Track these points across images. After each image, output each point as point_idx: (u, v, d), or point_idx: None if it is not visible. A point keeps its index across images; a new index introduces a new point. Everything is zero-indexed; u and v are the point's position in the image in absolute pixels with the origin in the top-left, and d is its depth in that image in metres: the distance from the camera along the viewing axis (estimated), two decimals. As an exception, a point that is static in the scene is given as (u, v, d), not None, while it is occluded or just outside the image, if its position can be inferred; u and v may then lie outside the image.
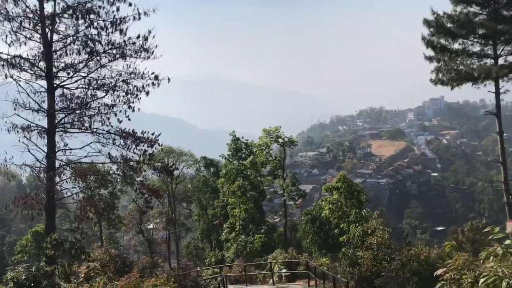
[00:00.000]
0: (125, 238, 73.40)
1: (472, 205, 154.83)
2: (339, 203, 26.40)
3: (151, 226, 62.11)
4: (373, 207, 61.90)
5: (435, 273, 8.46)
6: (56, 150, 20.64)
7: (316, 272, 17.89)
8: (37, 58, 20.90)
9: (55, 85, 21.14)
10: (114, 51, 20.85)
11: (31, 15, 20.56)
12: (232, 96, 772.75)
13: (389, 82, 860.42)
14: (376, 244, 16.42)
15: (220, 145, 53.77)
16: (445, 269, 8.46)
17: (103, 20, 20.51)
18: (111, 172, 33.51)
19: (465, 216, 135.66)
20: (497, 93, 25.59)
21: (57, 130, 20.84)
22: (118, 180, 48.63)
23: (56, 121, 21.05)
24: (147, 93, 20.52)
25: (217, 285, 15.80)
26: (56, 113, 21.12)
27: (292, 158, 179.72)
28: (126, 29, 20.61)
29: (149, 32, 20.53)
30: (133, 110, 20.60)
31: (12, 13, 20.15)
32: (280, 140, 44.12)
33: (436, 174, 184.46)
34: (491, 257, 7.23)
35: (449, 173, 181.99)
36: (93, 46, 20.97)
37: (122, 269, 15.93)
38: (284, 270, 23.95)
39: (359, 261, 16.77)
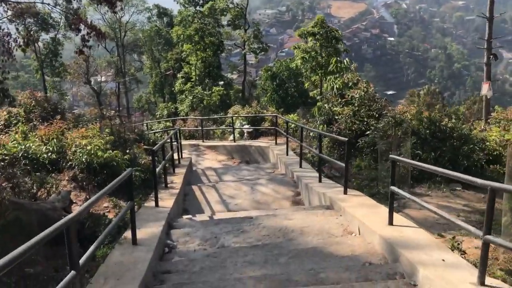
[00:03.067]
0: (74, 89, 69.55)
1: (423, 71, 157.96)
2: (314, 52, 23.69)
3: (101, 79, 58.33)
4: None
5: None
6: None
7: (288, 129, 15.62)
8: None
9: None
10: None
11: None
12: None
13: None
14: (358, 99, 14.30)
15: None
16: None
17: None
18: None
19: (416, 82, 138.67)
20: None
21: None
22: (61, 24, 44.38)
23: None
24: None
25: (169, 139, 13.42)
26: None
27: (250, 15, 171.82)
28: None
29: None
30: None
31: None
32: (244, -17, 39.69)
33: (392, 38, 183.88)
34: None
35: (405, 38, 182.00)
36: None
37: (51, 116, 13.18)
38: (246, 126, 21.83)
39: (336, 117, 14.72)
